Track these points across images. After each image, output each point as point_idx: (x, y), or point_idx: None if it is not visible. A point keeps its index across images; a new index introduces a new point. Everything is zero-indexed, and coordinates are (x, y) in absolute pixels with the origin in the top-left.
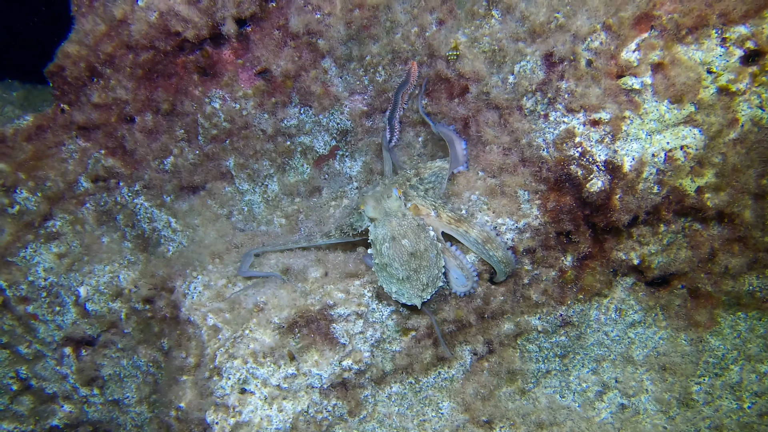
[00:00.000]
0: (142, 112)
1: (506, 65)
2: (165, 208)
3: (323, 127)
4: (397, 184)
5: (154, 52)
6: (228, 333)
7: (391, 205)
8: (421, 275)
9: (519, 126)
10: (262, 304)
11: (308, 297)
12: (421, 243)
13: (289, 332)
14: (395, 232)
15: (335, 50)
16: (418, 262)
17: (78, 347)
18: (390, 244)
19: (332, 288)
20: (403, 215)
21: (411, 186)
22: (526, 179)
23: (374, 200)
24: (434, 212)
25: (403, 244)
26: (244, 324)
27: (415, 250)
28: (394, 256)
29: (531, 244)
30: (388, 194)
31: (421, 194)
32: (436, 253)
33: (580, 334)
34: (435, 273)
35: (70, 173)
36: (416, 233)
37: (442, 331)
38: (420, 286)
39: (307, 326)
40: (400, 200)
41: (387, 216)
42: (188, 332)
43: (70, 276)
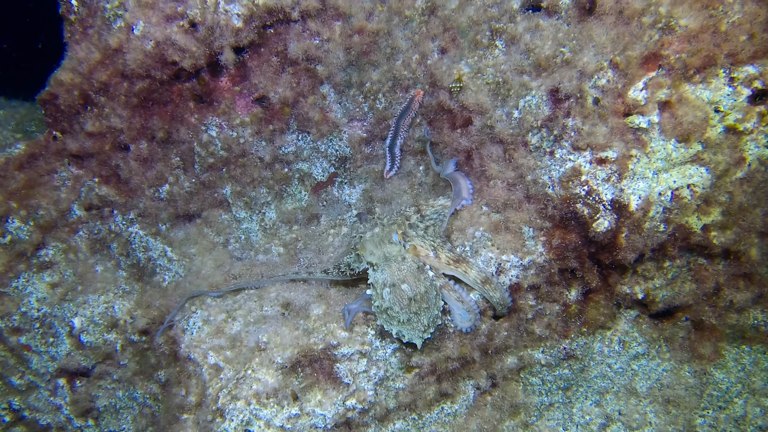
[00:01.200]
0: (137, 140)
1: (511, 99)
2: (160, 236)
3: (322, 153)
4: (397, 224)
5: (150, 81)
6: (230, 373)
7: (390, 250)
8: (422, 317)
9: (524, 162)
10: (263, 344)
11: (311, 336)
12: (421, 285)
13: (292, 372)
14: (395, 277)
15: (334, 76)
16: (419, 305)
17: (72, 378)
18: (390, 289)
19: (335, 326)
20: (403, 258)
21: (410, 225)
22: (531, 216)
23: (373, 245)
24: (433, 253)
25: (403, 290)
26: (246, 364)
27: (415, 294)
28: (394, 300)
29: (535, 281)
30: (388, 239)
31: (420, 233)
32: (435, 294)
33: (583, 367)
34: (435, 313)
35: (63, 201)
36: (416, 276)
37: (445, 369)
38: (421, 327)
39: (310, 366)
40: (399, 244)
41: (386, 261)
42: (188, 370)
43: (64, 306)
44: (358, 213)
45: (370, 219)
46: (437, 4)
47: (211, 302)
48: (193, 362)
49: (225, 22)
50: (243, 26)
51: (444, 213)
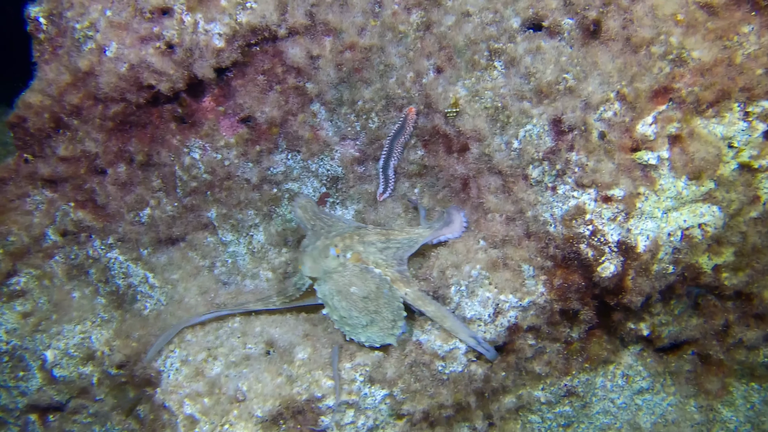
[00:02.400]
0: (115, 163)
1: (511, 127)
2: (141, 262)
3: (312, 173)
4: (339, 237)
5: (125, 105)
6: (206, 427)
7: (329, 264)
8: (384, 313)
9: (524, 196)
10: (243, 393)
11: (294, 384)
12: (369, 283)
13: (273, 425)
14: (340, 284)
15: (325, 94)
16: (375, 302)
17: (44, 413)
18: (339, 296)
19: (321, 375)
20: (344, 266)
21: (363, 242)
22: (531, 254)
23: (311, 260)
24: (372, 266)
25: (353, 292)
26: (224, 417)
27: (367, 293)
28: (348, 306)
29: (535, 322)
30: (325, 254)
31: (372, 250)
32: (388, 287)
33: (585, 404)
34: (397, 305)
35: (36, 226)
36: (361, 277)
37: (438, 416)
38: (387, 324)
39: (293, 418)
40: (337, 258)
41: (327, 273)
42: (162, 419)
43: (36, 338)
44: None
45: (315, 231)
46: (433, 21)
47: (191, 338)
48: (167, 411)
49: (205, 43)
50: (225, 46)
51: (416, 241)
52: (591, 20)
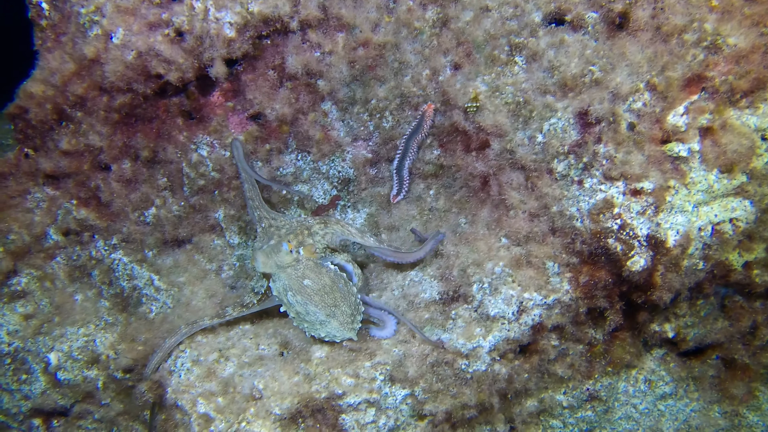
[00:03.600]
0: (119, 159)
1: (534, 121)
2: (146, 263)
3: (323, 174)
4: (294, 234)
5: (132, 95)
6: (222, 425)
7: (282, 259)
8: (341, 306)
9: (549, 191)
10: (259, 391)
11: (312, 382)
12: (323, 277)
13: (291, 424)
14: (293, 279)
15: (337, 92)
16: (332, 295)
17: (49, 418)
18: (293, 292)
19: (340, 372)
20: (298, 261)
21: (311, 233)
22: (556, 250)
23: (264, 255)
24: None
25: (306, 285)
26: (240, 415)
27: (321, 286)
28: (303, 301)
29: (560, 321)
30: (277, 249)
31: (317, 239)
32: (344, 282)
33: (607, 408)
34: (353, 300)
35: (37, 225)
36: (316, 270)
37: (461, 417)
38: (347, 318)
39: (312, 417)
40: (291, 254)
41: (280, 268)
42: (175, 419)
43: (39, 340)
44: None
45: (266, 230)
46: (450, 16)
47: (201, 339)
48: (180, 410)
49: (216, 32)
50: (236, 36)
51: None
52: (617, 13)
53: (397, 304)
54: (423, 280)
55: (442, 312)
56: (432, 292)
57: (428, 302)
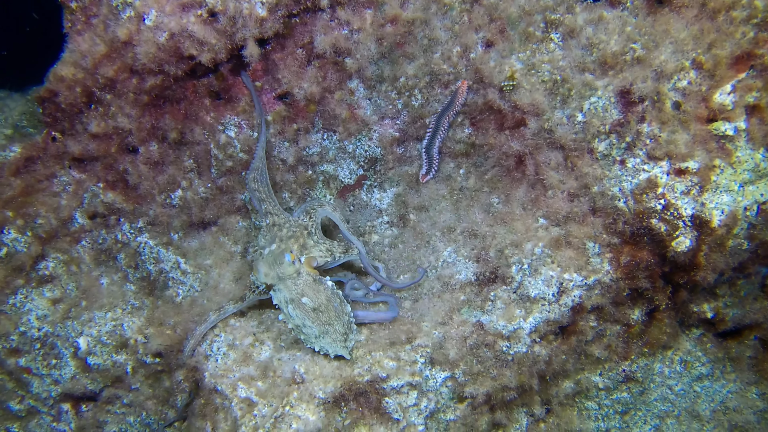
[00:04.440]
0: (147, 141)
1: (573, 100)
2: (173, 246)
3: (349, 154)
4: (294, 238)
5: (163, 77)
6: (265, 409)
7: (284, 270)
8: (335, 326)
9: (589, 171)
10: (301, 375)
11: (354, 366)
12: (320, 295)
13: (335, 407)
14: (292, 293)
15: (364, 70)
16: (327, 314)
17: (78, 403)
18: (293, 305)
19: (381, 356)
20: (298, 274)
21: (309, 233)
22: (596, 230)
23: (266, 266)
24: (330, 258)
25: (304, 303)
26: (284, 399)
27: (317, 305)
28: (302, 316)
29: (600, 302)
30: (280, 260)
31: (316, 239)
32: (339, 301)
33: (643, 390)
34: (346, 319)
35: (64, 209)
36: (313, 288)
37: (500, 399)
38: (339, 336)
39: (355, 400)
40: (293, 265)
41: (281, 280)
42: (215, 403)
43: (67, 325)
44: (390, 222)
45: (270, 228)
46: None
47: (235, 323)
48: (220, 394)
49: (248, 11)
50: (267, 15)
51: (338, 256)
52: None
53: (431, 286)
54: (457, 261)
55: (478, 293)
56: (467, 273)
57: (464, 284)
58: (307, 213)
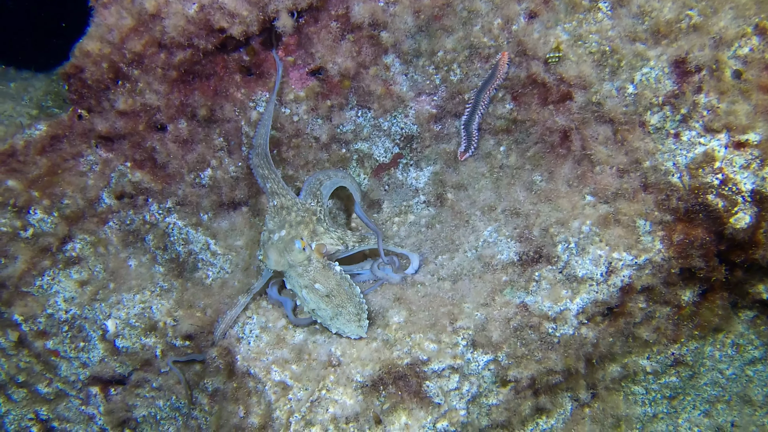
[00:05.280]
0: (176, 119)
1: (623, 71)
2: (202, 227)
3: (384, 132)
4: (304, 224)
5: (192, 51)
6: (301, 393)
7: (294, 258)
8: (347, 307)
9: (641, 145)
10: (337, 358)
11: (393, 348)
12: (331, 280)
13: (373, 391)
14: (305, 280)
15: (401, 44)
16: (339, 298)
17: (106, 386)
18: (307, 290)
19: (421, 337)
20: (308, 261)
21: (318, 219)
22: (647, 207)
23: (277, 254)
24: (342, 246)
25: (317, 289)
26: (320, 382)
27: (329, 291)
28: (316, 299)
29: (651, 282)
30: (290, 247)
31: (326, 226)
32: (348, 285)
33: (693, 374)
34: (357, 300)
35: (91, 189)
36: (324, 274)
37: (545, 383)
38: (353, 317)
39: (394, 384)
40: (303, 252)
41: (292, 267)
42: (248, 386)
43: (95, 307)
44: (427, 201)
45: (277, 211)
46: None
47: (268, 305)
48: (253, 378)
49: None
50: None
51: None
52: None
53: (471, 266)
54: (499, 240)
55: (522, 274)
56: (509, 253)
57: (506, 264)
58: (313, 195)
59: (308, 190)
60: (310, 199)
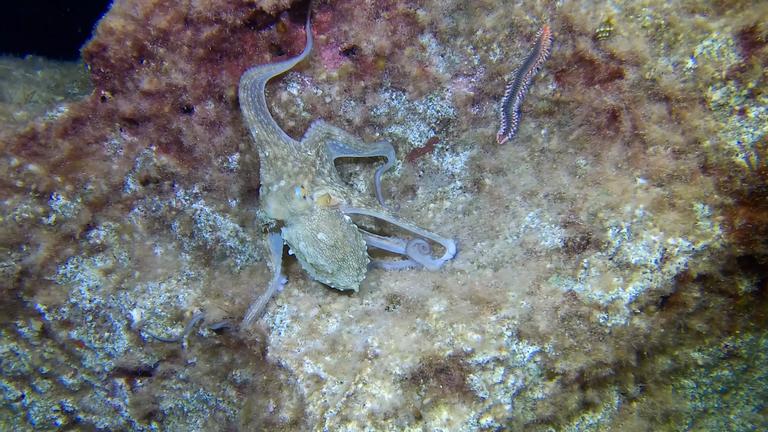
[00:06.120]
0: (203, 100)
1: (680, 45)
2: (230, 213)
3: (419, 115)
4: (303, 174)
5: (220, 27)
6: (335, 387)
7: (295, 206)
8: (349, 261)
9: (700, 124)
10: (374, 351)
11: (434, 339)
12: (337, 230)
13: (413, 384)
14: (306, 230)
15: (438, 22)
16: (342, 250)
17: (132, 378)
18: (306, 242)
19: (465, 328)
20: (311, 211)
21: (318, 172)
22: (707, 190)
23: (276, 202)
24: (345, 200)
25: (320, 239)
26: (356, 375)
27: (334, 242)
28: (316, 253)
29: (708, 270)
30: (290, 195)
31: (328, 180)
32: (354, 236)
33: (747, 367)
34: (361, 254)
35: (115, 174)
36: (330, 222)
37: (594, 376)
38: (353, 272)
39: (435, 377)
40: (304, 200)
41: (293, 216)
42: (279, 379)
43: (120, 296)
44: (464, 188)
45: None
46: None
47: (299, 294)
48: (284, 370)
49: None
50: None
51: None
52: None
53: (513, 253)
54: (542, 226)
55: (568, 260)
56: (554, 239)
57: (550, 250)
58: (314, 145)
59: (311, 137)
60: (309, 149)
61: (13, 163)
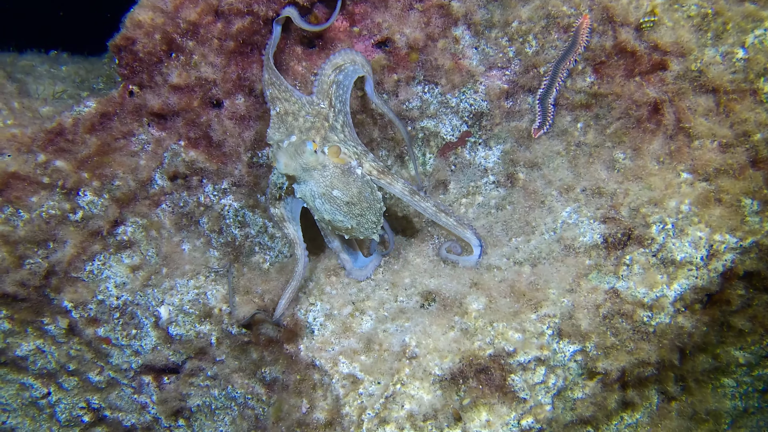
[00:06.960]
0: (233, 94)
1: (729, 35)
2: (259, 209)
3: (452, 109)
4: (315, 129)
5: (251, 20)
6: (373, 387)
7: (306, 160)
8: (368, 216)
9: (750, 116)
10: (412, 350)
11: (474, 338)
12: (352, 187)
13: (452, 385)
14: (321, 187)
15: (472, 14)
16: (360, 206)
17: (160, 375)
18: (322, 200)
19: (505, 326)
20: (324, 166)
21: (330, 127)
22: (755, 185)
23: (287, 156)
24: (356, 161)
25: (336, 196)
26: (394, 376)
27: (350, 198)
28: (333, 210)
29: (756, 267)
30: (301, 149)
31: (341, 137)
32: (370, 190)
33: None
34: (378, 206)
35: (143, 169)
36: (343, 179)
37: (636, 375)
38: (371, 225)
39: (475, 377)
40: (315, 154)
41: (306, 171)
42: (313, 378)
43: (148, 293)
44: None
45: (281, 118)
46: None
47: (331, 291)
48: (318, 370)
49: None
50: None
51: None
52: None
53: (550, 249)
54: (580, 222)
55: (608, 257)
56: (593, 235)
57: (589, 246)
58: (325, 94)
59: (320, 87)
60: (322, 100)
61: (40, 159)
